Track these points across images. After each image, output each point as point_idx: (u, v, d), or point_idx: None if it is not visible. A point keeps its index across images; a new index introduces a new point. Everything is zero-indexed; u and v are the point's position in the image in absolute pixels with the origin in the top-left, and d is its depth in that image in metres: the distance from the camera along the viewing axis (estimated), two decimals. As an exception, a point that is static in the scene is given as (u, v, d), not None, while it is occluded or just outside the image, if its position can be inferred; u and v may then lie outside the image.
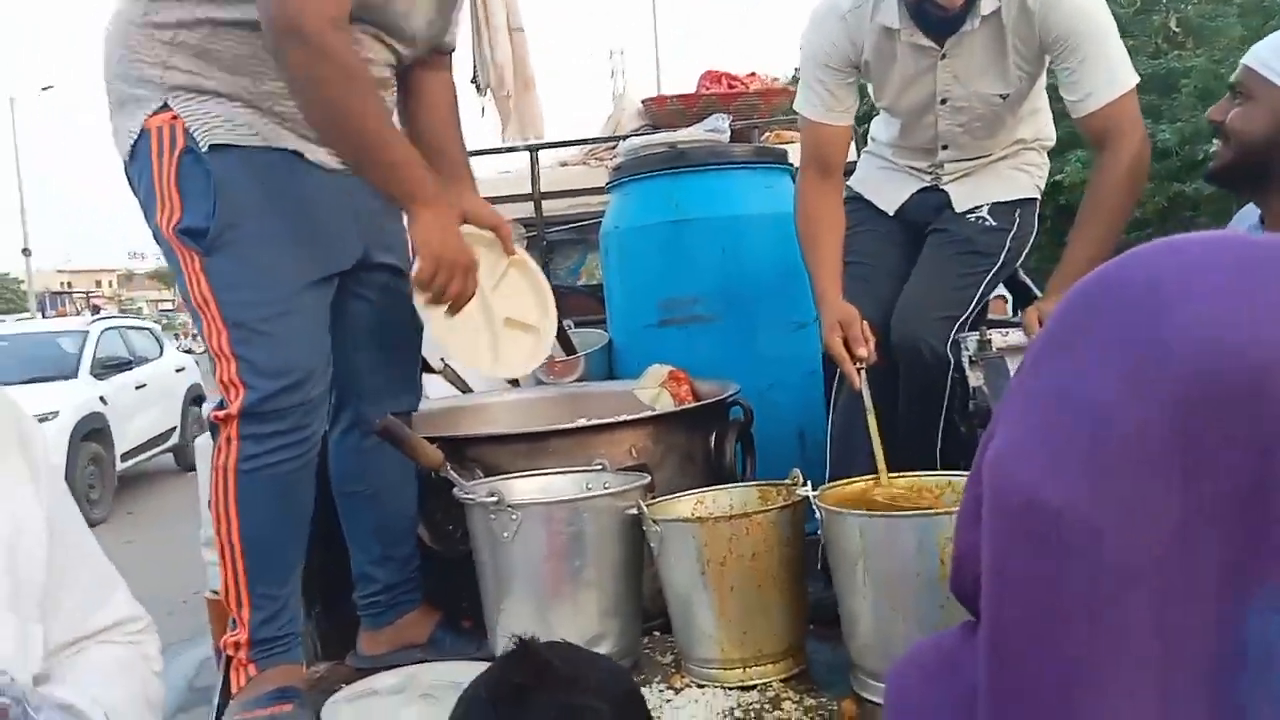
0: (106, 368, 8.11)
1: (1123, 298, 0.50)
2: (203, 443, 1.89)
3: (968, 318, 1.92)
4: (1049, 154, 2.15)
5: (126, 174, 1.54)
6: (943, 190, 2.06)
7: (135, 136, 1.50)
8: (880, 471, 1.54)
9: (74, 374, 7.80)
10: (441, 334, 1.61)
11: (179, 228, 1.48)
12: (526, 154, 3.16)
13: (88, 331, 8.35)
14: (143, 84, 1.48)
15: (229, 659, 1.52)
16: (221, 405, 1.51)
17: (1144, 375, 0.47)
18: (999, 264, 1.99)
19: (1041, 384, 0.52)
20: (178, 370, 9.52)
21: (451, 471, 1.57)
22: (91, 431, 7.54)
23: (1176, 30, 8.60)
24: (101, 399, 7.77)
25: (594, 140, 3.33)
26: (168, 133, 1.48)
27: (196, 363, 9.69)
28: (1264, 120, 1.50)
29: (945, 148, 2.02)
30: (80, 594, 0.88)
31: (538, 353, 1.76)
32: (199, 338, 1.57)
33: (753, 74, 3.43)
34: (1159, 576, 0.47)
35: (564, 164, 3.44)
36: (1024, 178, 2.07)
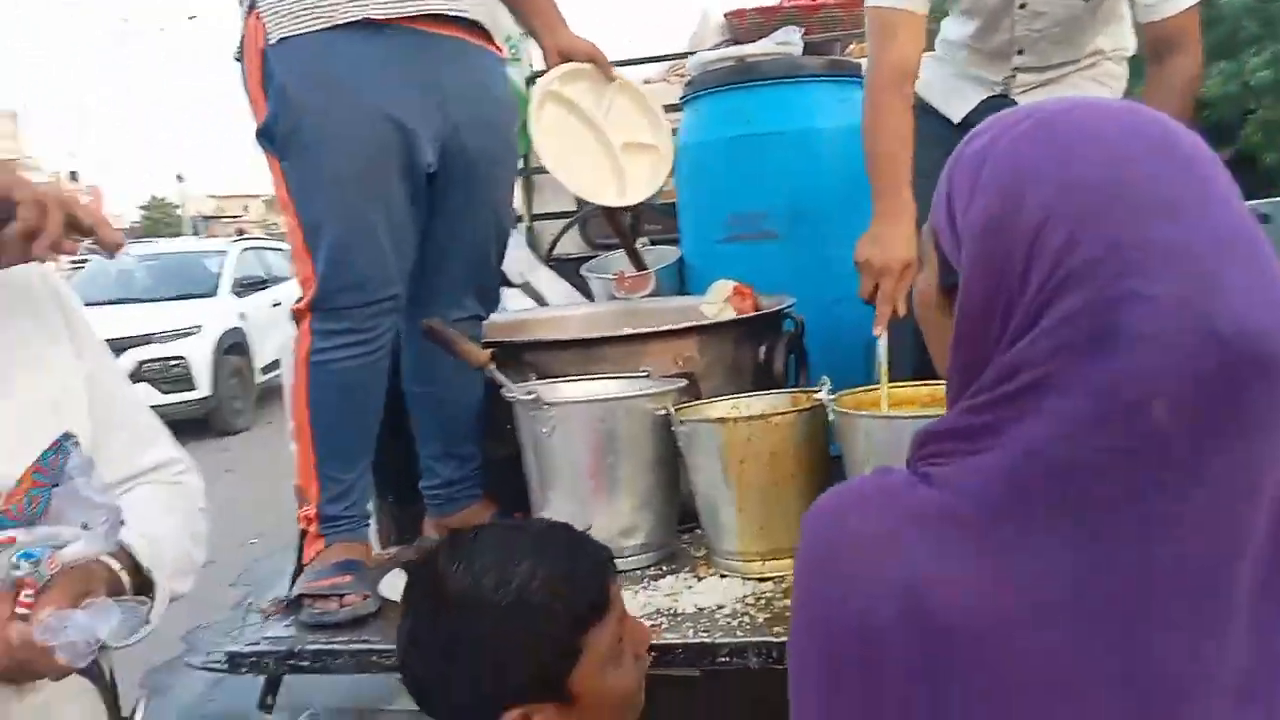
0: (245, 286, 8.68)
1: None
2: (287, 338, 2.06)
3: None
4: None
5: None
6: (1013, 101, 1.99)
7: (240, 40, 1.55)
8: (881, 380, 1.56)
9: (214, 292, 8.37)
10: (566, 175, 1.71)
11: (259, 130, 1.54)
12: (609, 72, 3.19)
13: (227, 252, 8.93)
14: None
15: (303, 532, 1.70)
16: (299, 300, 1.64)
17: None
18: None
19: None
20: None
21: (497, 372, 1.68)
22: (233, 346, 8.11)
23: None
24: (241, 315, 8.33)
25: (674, 56, 3.32)
26: (254, 32, 1.51)
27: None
28: None
29: (1021, 53, 1.95)
30: (125, 440, 0.99)
31: (660, 170, 1.82)
32: None
33: (840, -18, 3.33)
34: None
35: (647, 81, 3.45)
36: (1104, 91, 1.98)
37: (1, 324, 0.89)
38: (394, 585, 1.63)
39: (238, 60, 1.59)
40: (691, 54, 2.89)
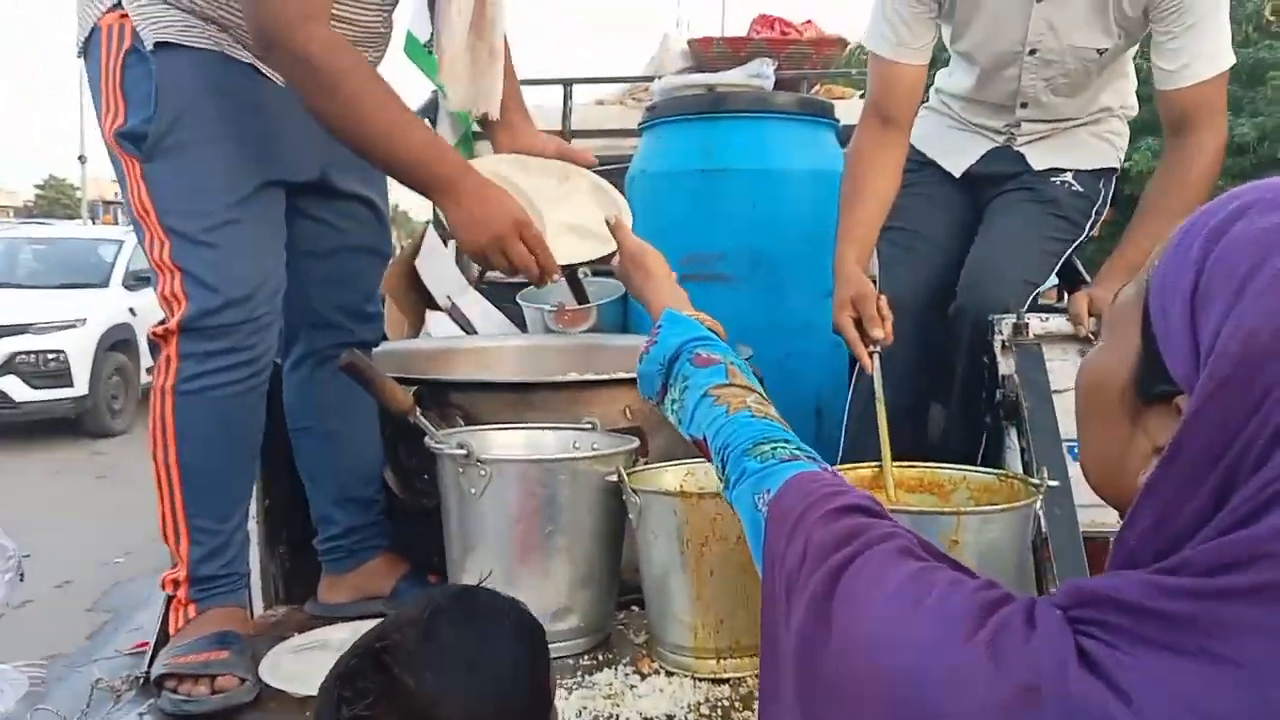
0: (139, 279, 8.11)
1: None
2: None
3: (1042, 290, 1.75)
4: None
5: (85, 67, 1.41)
6: (1019, 153, 1.87)
7: (87, 34, 1.40)
8: (884, 460, 1.38)
9: (105, 283, 7.81)
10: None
11: (119, 131, 1.37)
12: (559, 88, 2.99)
13: (124, 241, 8.35)
14: None
15: (169, 598, 1.41)
16: (162, 322, 1.39)
17: None
18: (1083, 234, 1.81)
19: None
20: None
21: (422, 418, 1.44)
22: (118, 342, 7.56)
23: (1271, 19, 8.14)
24: (131, 310, 7.77)
25: (633, 79, 3.15)
26: (116, 31, 1.37)
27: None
28: None
29: (1025, 105, 1.82)
30: None
31: (593, 252, 1.58)
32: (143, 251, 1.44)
33: (809, 22, 3.21)
34: None
35: (600, 102, 3.26)
36: (1107, 147, 1.87)
37: None
38: (276, 666, 1.36)
39: (82, 56, 1.43)
40: (656, 78, 2.70)
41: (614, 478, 1.38)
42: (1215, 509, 0.43)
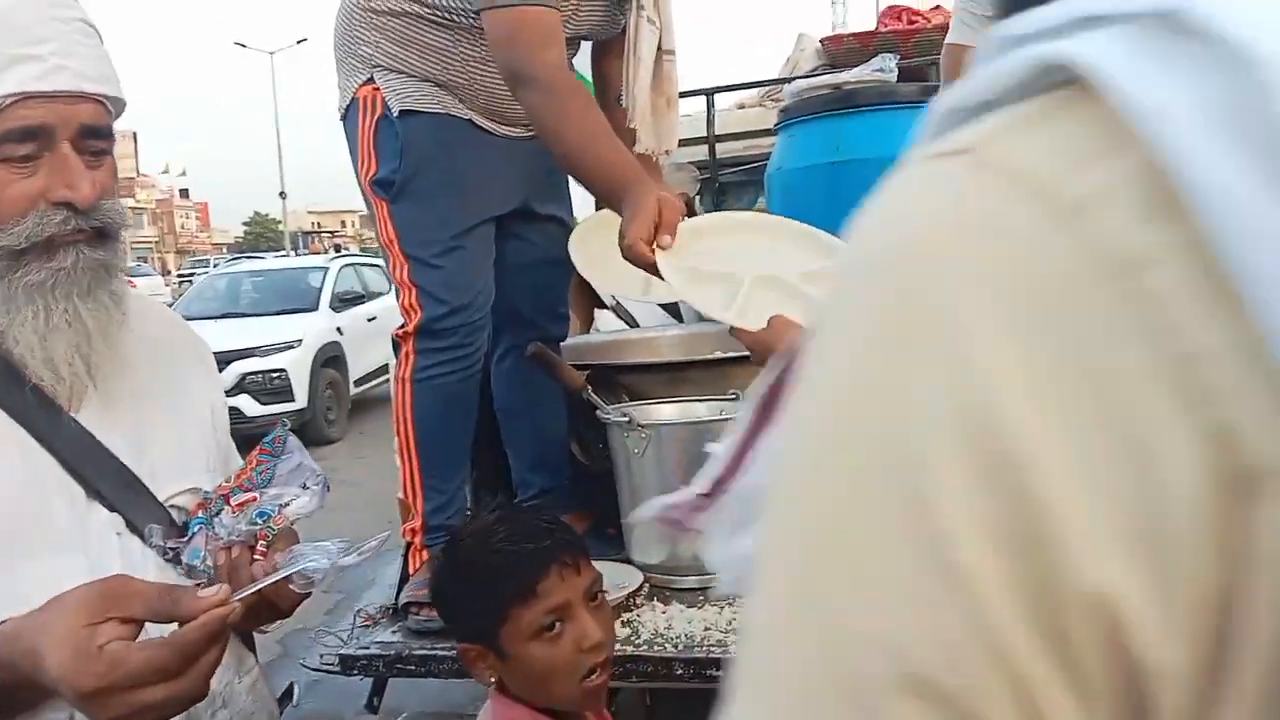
0: (343, 301, 8.98)
1: None
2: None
3: None
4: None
5: (344, 128, 1.82)
6: None
7: (348, 103, 1.79)
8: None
9: (315, 307, 8.69)
10: (590, 269, 1.79)
11: (373, 179, 1.75)
12: (703, 98, 3.26)
13: (328, 268, 9.26)
14: (357, 59, 1.76)
15: (408, 544, 1.79)
16: (402, 326, 1.77)
17: None
18: None
19: None
20: (404, 305, 10.34)
21: (594, 395, 1.75)
22: (330, 359, 8.39)
23: None
24: (338, 329, 8.62)
25: (769, 82, 3.37)
26: (370, 100, 1.75)
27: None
28: None
29: None
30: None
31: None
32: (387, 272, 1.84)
33: (937, 7, 3.34)
34: None
35: (741, 106, 3.50)
36: None
37: (176, 354, 1.07)
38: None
39: (343, 119, 1.83)
40: (788, 80, 2.92)
41: (754, 435, 1.64)
42: None
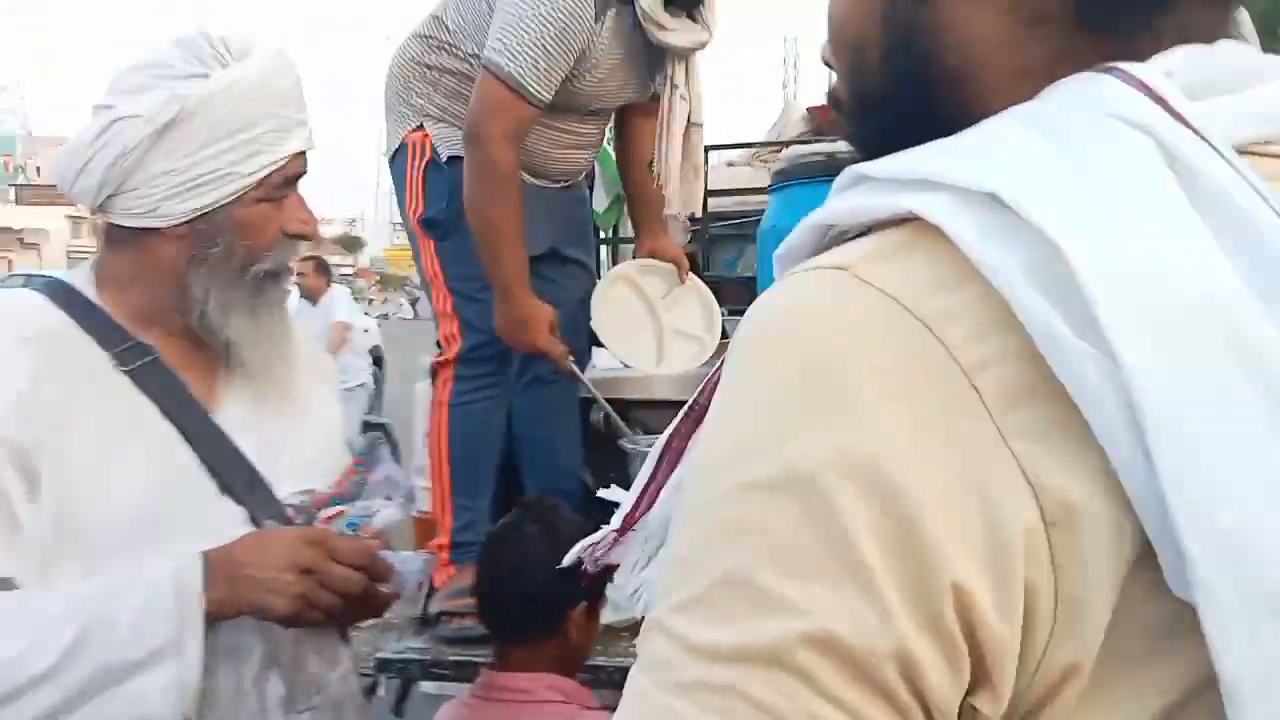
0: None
1: None
2: (421, 388, 2.31)
3: None
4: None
5: (391, 169, 1.96)
6: None
7: (397, 146, 1.94)
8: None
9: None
10: (610, 338, 2.01)
11: (421, 218, 1.90)
12: (696, 155, 3.46)
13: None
14: (409, 106, 1.92)
15: (433, 556, 1.90)
16: (441, 354, 1.91)
17: None
18: None
19: None
20: (364, 331, 10.29)
21: (625, 427, 1.91)
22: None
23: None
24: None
25: (759, 144, 3.60)
26: (419, 146, 1.91)
27: (379, 326, 10.46)
28: None
29: None
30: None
31: (700, 357, 2.12)
32: (412, 303, 1.98)
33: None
34: None
35: (730, 164, 3.71)
36: None
37: (305, 367, 1.16)
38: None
39: (390, 160, 1.98)
40: (782, 145, 3.14)
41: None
42: None
